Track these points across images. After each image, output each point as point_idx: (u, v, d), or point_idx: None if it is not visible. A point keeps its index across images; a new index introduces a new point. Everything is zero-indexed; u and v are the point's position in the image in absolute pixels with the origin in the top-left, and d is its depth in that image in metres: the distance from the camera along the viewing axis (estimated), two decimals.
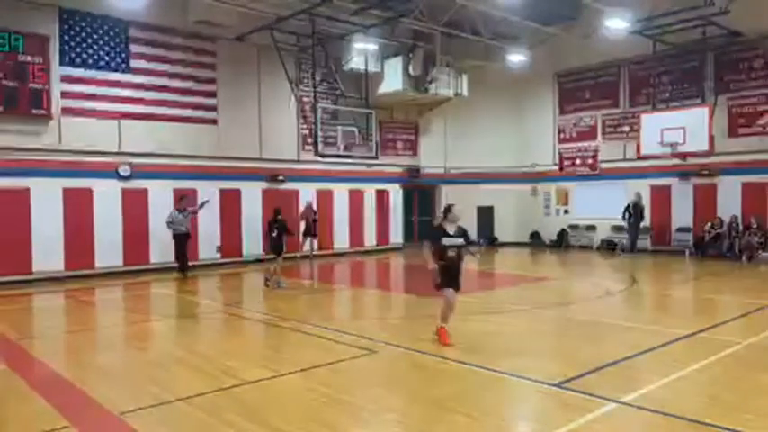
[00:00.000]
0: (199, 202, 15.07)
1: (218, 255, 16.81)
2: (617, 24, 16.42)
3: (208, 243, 16.52)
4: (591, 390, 5.47)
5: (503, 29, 19.31)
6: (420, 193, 22.69)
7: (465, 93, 20.44)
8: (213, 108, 16.88)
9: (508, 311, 10.06)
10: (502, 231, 22.86)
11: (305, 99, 18.57)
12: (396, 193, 21.35)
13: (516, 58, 19.82)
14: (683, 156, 17.45)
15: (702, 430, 4.55)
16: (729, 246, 17.22)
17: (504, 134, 22.63)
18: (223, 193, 16.88)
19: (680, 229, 18.64)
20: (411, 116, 22.02)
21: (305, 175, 18.79)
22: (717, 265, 15.93)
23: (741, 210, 17.14)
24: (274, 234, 12.77)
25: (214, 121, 16.90)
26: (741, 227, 17.02)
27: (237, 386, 5.78)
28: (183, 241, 14.52)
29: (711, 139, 16.41)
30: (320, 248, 18.66)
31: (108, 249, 14.78)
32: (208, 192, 15.91)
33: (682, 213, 18.61)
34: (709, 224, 17.59)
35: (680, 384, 5.78)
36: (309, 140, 18.39)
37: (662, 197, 18.99)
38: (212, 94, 16.86)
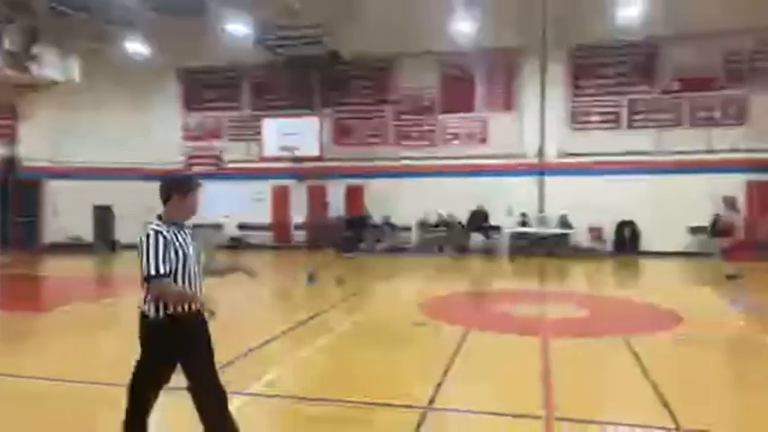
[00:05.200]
0: None
1: None
2: (237, 29, 17.14)
3: None
4: (227, 385, 5.51)
5: (120, 12, 17.83)
6: (20, 188, 19.17)
7: (77, 77, 18.23)
8: None
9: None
10: (122, 232, 21.15)
11: None
12: None
13: (133, 46, 18.65)
14: (299, 159, 19.38)
15: (317, 407, 5.08)
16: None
17: (127, 127, 20.88)
18: None
19: (297, 227, 20.57)
20: (7, 98, 18.41)
21: None
22: (330, 257, 18.14)
23: (346, 209, 19.89)
24: None
25: None
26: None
27: None
28: None
29: (321, 145, 18.81)
30: None
31: None
32: None
33: (298, 212, 20.50)
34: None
35: (300, 366, 6.34)
36: None
37: (282, 196, 20.62)
38: None
